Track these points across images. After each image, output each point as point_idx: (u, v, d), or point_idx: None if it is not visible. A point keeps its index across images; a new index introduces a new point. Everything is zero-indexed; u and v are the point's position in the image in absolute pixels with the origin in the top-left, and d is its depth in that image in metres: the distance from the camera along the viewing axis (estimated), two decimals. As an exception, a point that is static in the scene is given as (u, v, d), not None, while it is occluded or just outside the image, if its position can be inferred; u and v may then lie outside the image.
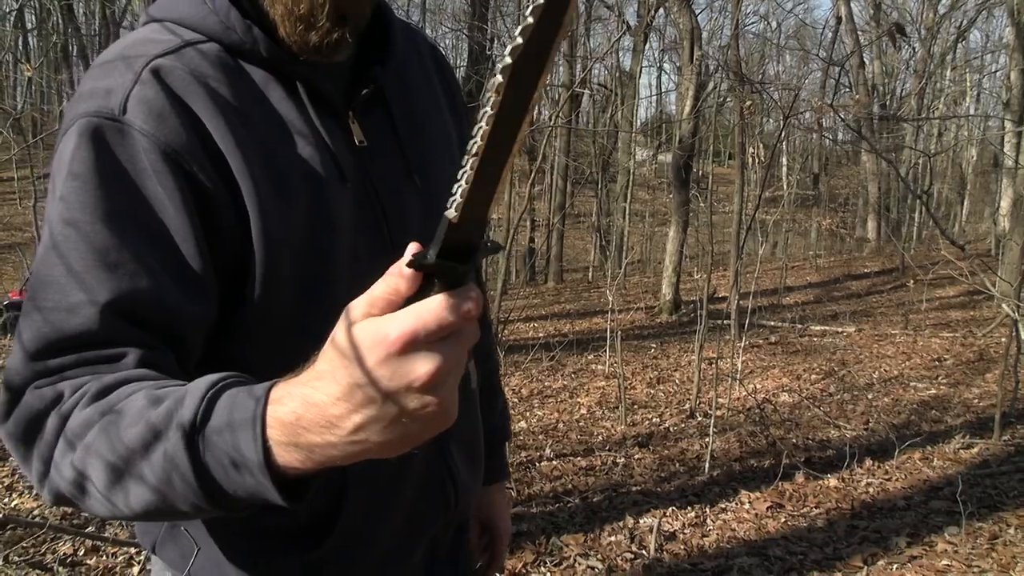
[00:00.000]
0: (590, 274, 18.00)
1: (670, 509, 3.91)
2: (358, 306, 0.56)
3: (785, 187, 20.96)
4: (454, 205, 0.56)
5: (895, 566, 3.31)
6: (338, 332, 0.56)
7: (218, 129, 0.78)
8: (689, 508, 3.95)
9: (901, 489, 4.25)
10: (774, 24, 32.88)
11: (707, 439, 4.77)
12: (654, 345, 8.90)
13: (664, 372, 7.39)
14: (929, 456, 4.73)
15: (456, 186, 0.55)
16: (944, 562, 3.34)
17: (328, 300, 0.73)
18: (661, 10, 17.10)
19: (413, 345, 0.53)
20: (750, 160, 6.12)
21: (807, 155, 25.63)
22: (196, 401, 0.63)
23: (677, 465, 4.71)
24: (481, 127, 0.53)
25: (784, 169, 23.25)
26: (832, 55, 26.23)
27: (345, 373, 0.55)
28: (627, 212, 17.29)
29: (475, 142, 0.54)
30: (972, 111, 30.01)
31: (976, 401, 6.01)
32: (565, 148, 17.76)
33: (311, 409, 0.57)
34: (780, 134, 5.98)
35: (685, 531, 3.69)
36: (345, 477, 0.87)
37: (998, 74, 25.67)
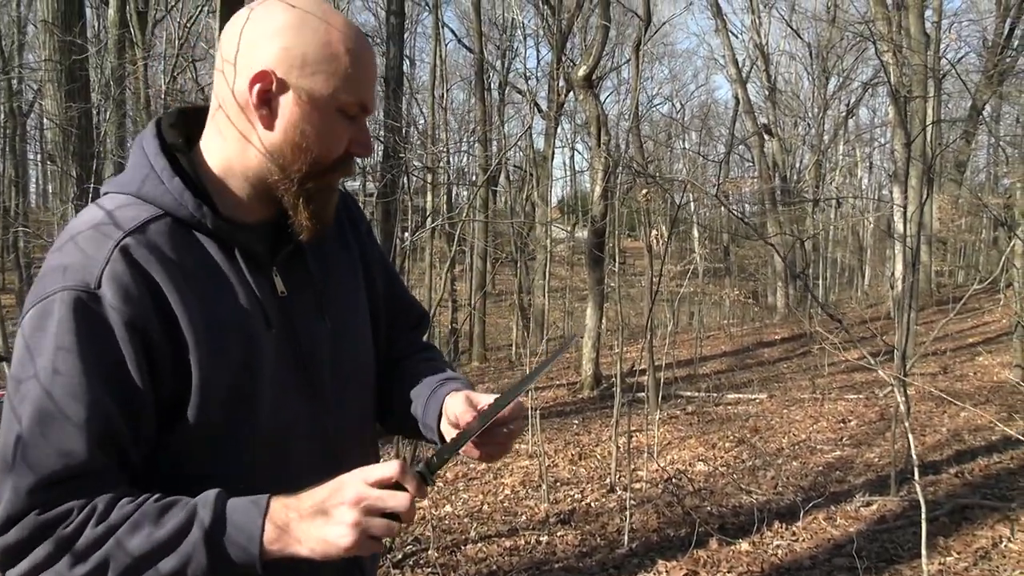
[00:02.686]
0: (513, 352, 18.21)
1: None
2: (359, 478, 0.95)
3: (698, 260, 21.75)
4: (441, 460, 1.01)
5: (801, 624, 3.51)
6: (344, 484, 0.95)
7: (172, 294, 0.98)
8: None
9: (807, 549, 4.49)
10: (679, 105, 34.59)
11: (626, 512, 4.94)
12: (576, 421, 9.10)
13: (586, 448, 7.57)
14: (833, 516, 5.00)
15: (448, 452, 1.03)
16: (845, 616, 3.56)
17: (248, 429, 1.04)
18: (571, 94, 17.89)
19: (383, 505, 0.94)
20: (654, 242, 6.47)
21: (716, 229, 26.68)
22: (213, 506, 0.93)
23: (598, 540, 4.87)
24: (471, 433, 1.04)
25: (695, 243, 24.11)
26: (733, 132, 27.64)
27: (338, 519, 0.93)
28: (546, 289, 17.67)
29: (465, 436, 1.05)
30: (865, 182, 31.83)
31: (876, 460, 6.36)
32: (484, 229, 18.15)
33: (291, 535, 0.94)
34: (675, 217, 6.36)
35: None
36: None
37: (886, 147, 27.40)
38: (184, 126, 1.11)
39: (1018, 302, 9.08)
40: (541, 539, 4.92)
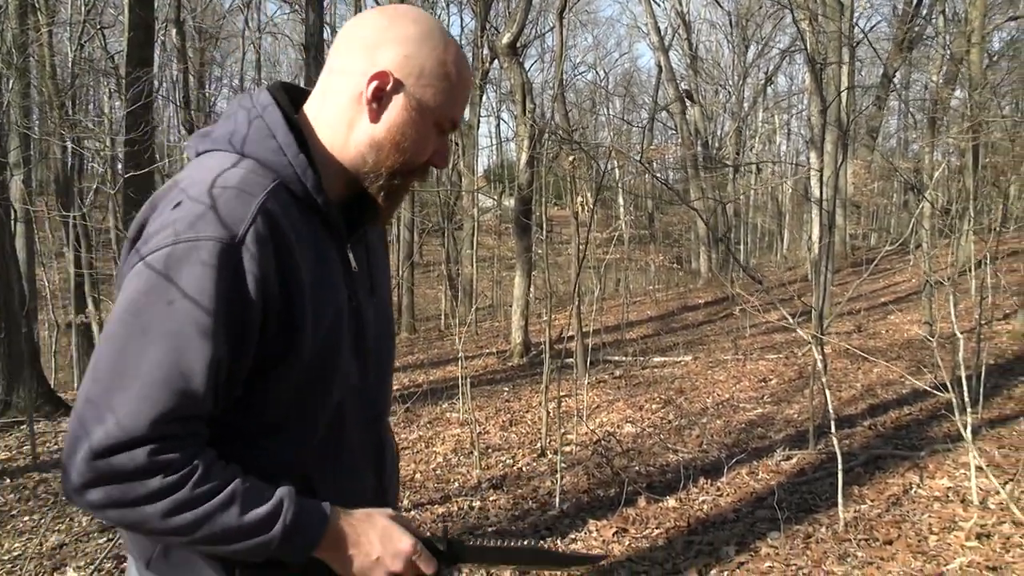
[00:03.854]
0: (442, 322, 18.20)
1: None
2: (405, 527, 1.12)
3: (623, 227, 21.99)
4: (465, 557, 1.19)
5: (725, 573, 3.65)
6: (384, 522, 1.11)
7: (294, 259, 1.06)
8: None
9: (731, 503, 4.64)
10: (603, 72, 34.76)
11: (557, 475, 5.03)
12: (507, 388, 9.17)
13: (516, 414, 7.65)
14: (755, 470, 5.18)
15: (477, 557, 1.24)
16: (767, 564, 3.70)
17: (322, 391, 1.13)
18: (495, 62, 17.79)
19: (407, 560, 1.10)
20: (579, 209, 6.53)
21: (641, 196, 27.04)
22: (294, 509, 1.04)
23: (530, 503, 4.94)
24: None
25: (621, 210, 24.40)
26: (656, 100, 27.92)
27: (372, 551, 1.09)
28: (474, 259, 17.67)
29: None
30: (784, 148, 32.59)
31: (796, 416, 6.60)
32: (410, 200, 17.96)
33: (340, 549, 1.08)
34: (600, 184, 6.43)
35: (538, 564, 3.89)
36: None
37: (803, 114, 28.08)
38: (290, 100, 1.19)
39: (926, 262, 9.48)
40: (474, 504, 4.97)
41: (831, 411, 4.35)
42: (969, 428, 4.20)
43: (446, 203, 20.90)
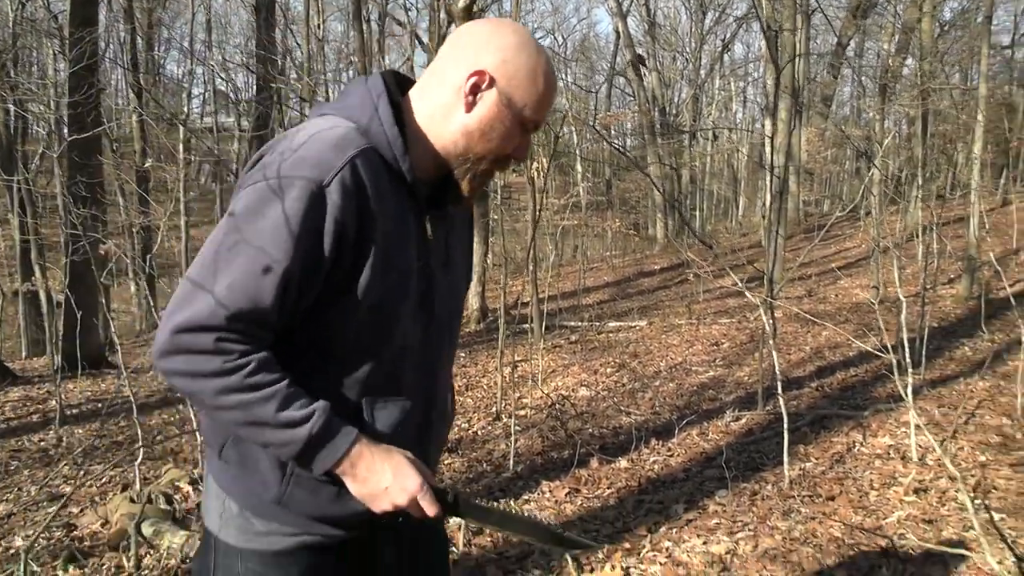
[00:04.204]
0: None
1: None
2: (418, 469, 1.27)
3: (581, 193, 22.03)
4: (467, 513, 1.33)
5: (674, 530, 3.73)
6: (401, 461, 1.27)
7: (373, 211, 1.23)
8: (495, 503, 4.22)
9: (681, 463, 4.74)
10: (560, 38, 34.56)
11: (512, 438, 5.08)
12: (463, 354, 9.20)
13: (472, 379, 7.69)
14: (705, 431, 5.29)
15: (480, 516, 1.38)
16: (714, 521, 3.80)
17: (382, 337, 1.30)
18: (452, 26, 17.57)
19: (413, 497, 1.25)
20: (535, 175, 6.53)
21: (599, 162, 27.09)
22: (323, 420, 1.21)
23: (485, 465, 4.99)
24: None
25: (579, 177, 24.42)
26: (614, 66, 27.85)
27: (382, 480, 1.25)
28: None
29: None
30: (740, 115, 32.81)
31: (746, 378, 6.74)
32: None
33: (356, 471, 1.25)
34: (555, 149, 6.42)
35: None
36: None
37: (759, 81, 28.27)
38: (398, 85, 1.37)
39: (875, 228, 9.67)
40: (429, 468, 5.01)
41: (778, 373, 4.44)
42: (910, 388, 4.32)
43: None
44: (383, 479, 1.24)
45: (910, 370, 4.56)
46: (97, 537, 4.06)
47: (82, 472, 5.24)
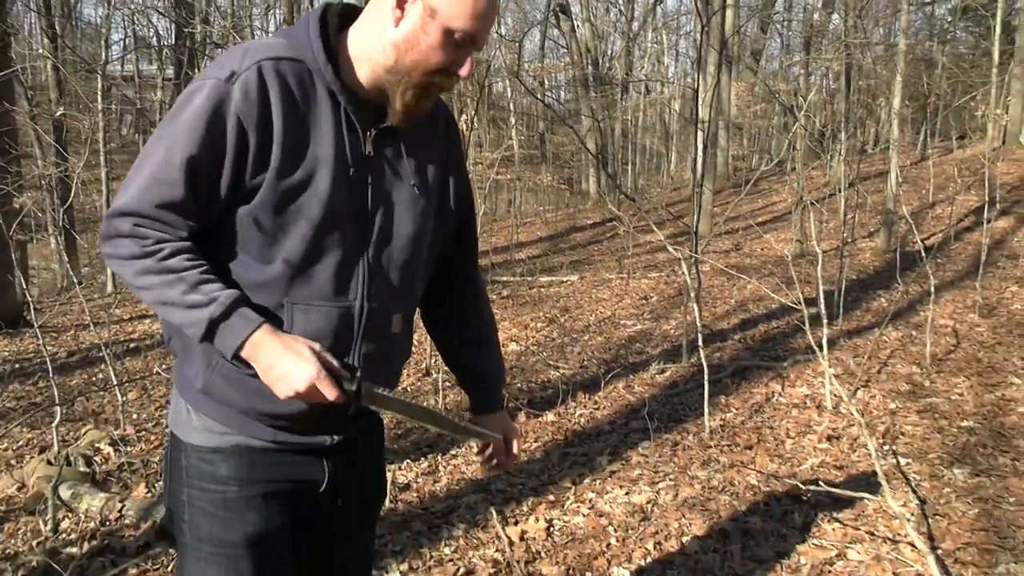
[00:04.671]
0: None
1: (405, 463, 4.18)
2: (316, 350, 1.32)
3: (515, 147, 21.92)
4: (374, 401, 1.36)
5: (597, 482, 3.81)
6: (302, 349, 1.30)
7: (276, 111, 1.31)
8: (423, 459, 4.24)
9: (606, 415, 4.83)
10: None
11: (439, 394, 5.09)
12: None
13: (403, 335, 7.66)
14: (631, 384, 5.39)
15: (387, 404, 1.38)
16: (636, 472, 3.89)
17: (284, 237, 1.35)
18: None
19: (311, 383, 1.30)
20: (464, 127, 6.45)
21: (533, 115, 26.93)
22: (225, 306, 1.29)
23: (413, 421, 4.99)
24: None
25: (512, 130, 24.28)
26: (548, 17, 27.58)
27: (281, 366, 1.30)
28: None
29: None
30: (672, 69, 32.94)
31: (673, 332, 6.87)
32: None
33: (259, 355, 1.31)
34: (483, 100, 6.36)
35: (418, 480, 3.97)
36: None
37: (691, 35, 28.35)
38: (344, 17, 1.44)
39: (800, 183, 9.88)
40: (357, 425, 4.99)
41: (699, 326, 4.54)
42: (825, 340, 4.47)
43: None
44: (283, 364, 1.30)
45: (825, 321, 4.71)
46: (13, 501, 3.95)
47: (-3, 436, 5.08)
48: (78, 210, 19.73)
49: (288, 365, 1.29)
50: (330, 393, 1.30)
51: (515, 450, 1.74)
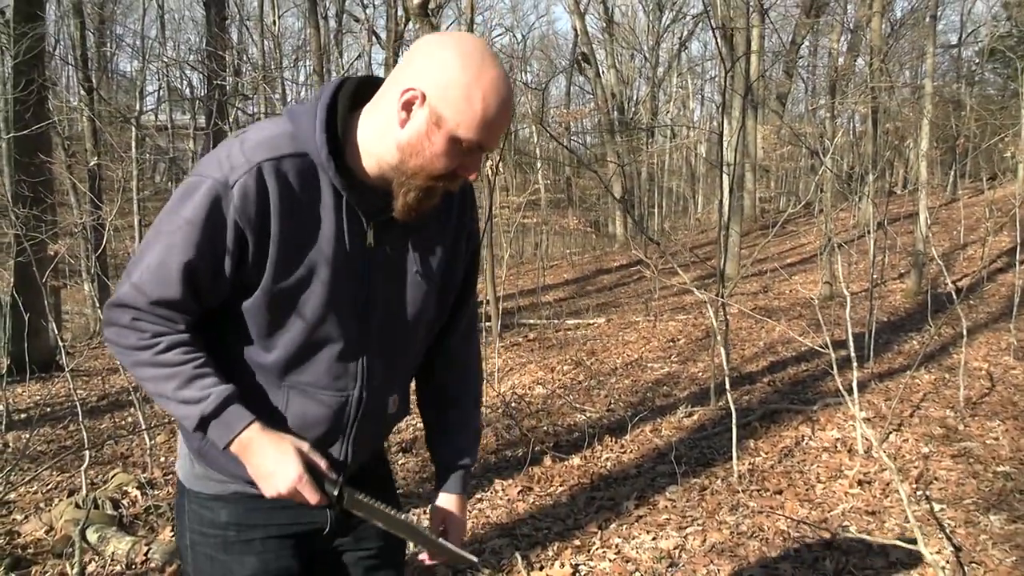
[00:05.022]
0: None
1: (429, 506, 4.15)
2: (303, 451, 1.37)
3: (541, 191, 22.06)
4: (352, 505, 1.41)
5: (624, 527, 3.76)
6: (289, 448, 1.35)
7: (276, 216, 1.30)
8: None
9: (633, 459, 4.78)
10: (519, 36, 34.59)
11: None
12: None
13: (429, 378, 7.66)
14: (658, 427, 5.33)
15: (363, 511, 1.42)
16: (664, 517, 3.84)
17: (298, 332, 1.37)
18: (409, 24, 17.47)
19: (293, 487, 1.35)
20: (489, 172, 6.53)
21: (558, 161, 27.15)
22: (216, 404, 1.32)
23: (439, 464, 4.98)
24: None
25: (539, 174, 24.46)
26: (573, 64, 27.93)
27: (266, 466, 1.35)
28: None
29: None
30: (697, 113, 33.12)
31: (700, 374, 6.81)
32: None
33: (247, 454, 1.35)
34: (511, 146, 6.44)
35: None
36: None
37: (716, 80, 28.54)
38: (359, 94, 1.39)
39: (827, 224, 9.83)
40: (383, 468, 4.98)
41: (726, 369, 4.50)
42: (855, 383, 4.41)
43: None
44: (268, 465, 1.34)
45: (855, 364, 4.64)
46: (41, 544, 3.98)
47: (28, 478, 5.13)
48: (111, 256, 20.13)
49: (273, 466, 1.34)
50: (312, 497, 1.35)
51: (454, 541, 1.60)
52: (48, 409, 7.65)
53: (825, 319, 7.92)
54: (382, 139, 1.33)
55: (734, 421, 4.32)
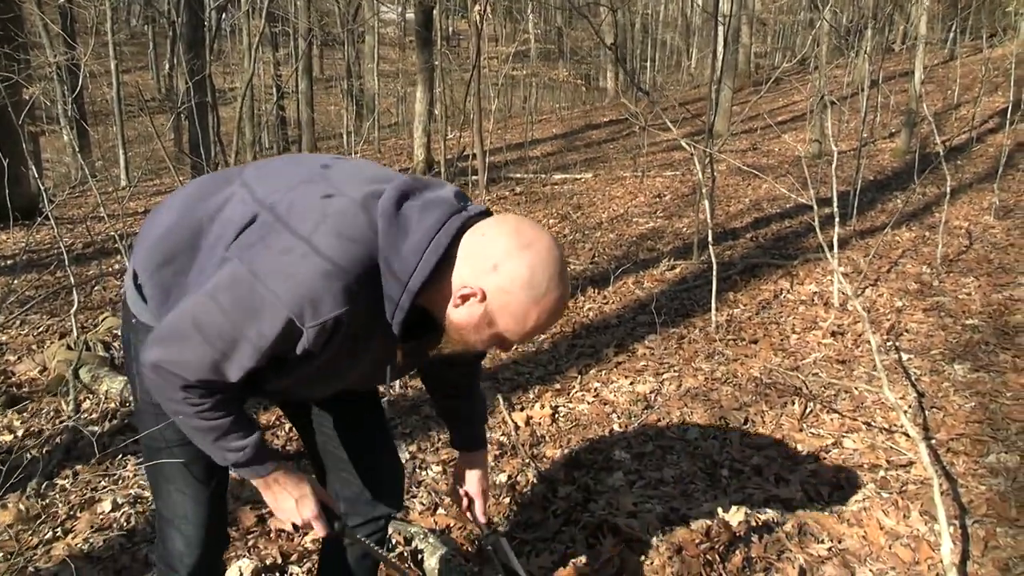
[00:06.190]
0: (345, 140, 17.74)
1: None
2: (313, 491, 1.56)
3: (531, 41, 21.41)
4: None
5: (603, 372, 3.89)
6: (307, 489, 1.54)
7: (335, 343, 1.32)
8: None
9: (615, 310, 4.89)
10: None
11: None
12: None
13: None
14: (640, 280, 5.42)
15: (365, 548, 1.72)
16: (642, 363, 3.97)
17: (305, 390, 1.55)
18: None
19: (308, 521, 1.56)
20: (477, 18, 6.29)
21: (549, 7, 26.17)
22: (250, 456, 1.47)
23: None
24: None
25: (530, 24, 23.67)
26: (568, -95, 26.48)
27: (288, 503, 1.55)
28: (376, 73, 17.04)
29: None
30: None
31: (685, 230, 6.86)
32: (306, 7, 16.93)
33: (269, 492, 1.55)
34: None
35: (428, 368, 4.07)
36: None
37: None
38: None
39: (820, 81, 9.64)
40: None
41: (709, 223, 4.53)
42: (836, 238, 4.46)
43: (345, 12, 19.80)
44: (288, 503, 1.55)
45: (837, 221, 4.69)
46: (35, 383, 4.09)
47: (19, 322, 5.21)
48: (89, 103, 19.59)
49: (292, 505, 1.55)
50: (321, 531, 1.57)
51: (479, 512, 1.83)
52: (34, 255, 7.67)
53: (812, 177, 7.92)
54: (438, 301, 1.34)
55: (715, 273, 4.40)
